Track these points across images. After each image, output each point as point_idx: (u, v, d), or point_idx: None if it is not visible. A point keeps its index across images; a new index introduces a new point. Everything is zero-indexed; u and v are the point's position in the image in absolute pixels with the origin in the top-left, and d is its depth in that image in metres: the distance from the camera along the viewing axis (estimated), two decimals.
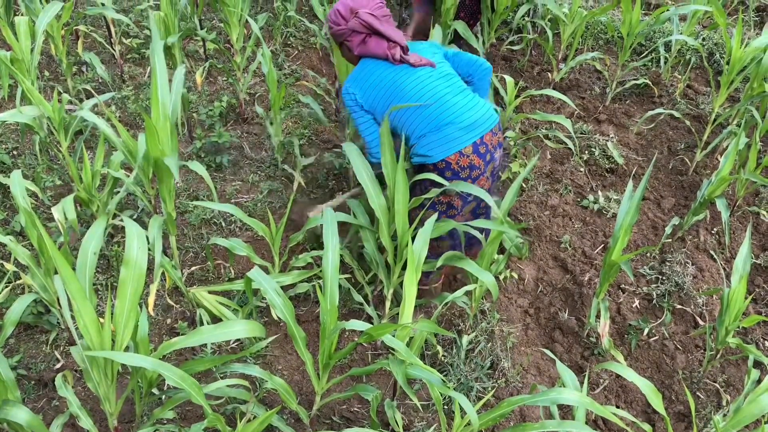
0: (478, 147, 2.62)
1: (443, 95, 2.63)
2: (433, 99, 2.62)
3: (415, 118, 2.63)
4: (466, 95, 2.68)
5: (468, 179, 2.64)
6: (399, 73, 2.66)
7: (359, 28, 2.65)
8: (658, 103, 4.49)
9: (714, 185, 3.18)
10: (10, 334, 2.31)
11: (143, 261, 1.90)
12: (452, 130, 2.60)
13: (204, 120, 4.02)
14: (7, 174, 3.42)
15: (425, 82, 2.64)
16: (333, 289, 2.15)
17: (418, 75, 2.66)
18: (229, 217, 3.42)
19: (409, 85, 2.64)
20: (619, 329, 3.06)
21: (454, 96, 2.65)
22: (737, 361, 2.95)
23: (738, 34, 3.50)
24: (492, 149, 2.69)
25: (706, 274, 3.32)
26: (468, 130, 2.61)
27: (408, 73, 2.66)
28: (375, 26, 2.63)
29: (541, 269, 3.32)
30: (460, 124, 2.60)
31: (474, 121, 2.62)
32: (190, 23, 4.21)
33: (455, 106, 2.62)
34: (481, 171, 2.67)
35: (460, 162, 2.61)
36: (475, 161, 2.63)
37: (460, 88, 2.70)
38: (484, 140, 2.64)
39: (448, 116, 2.60)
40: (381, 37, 2.67)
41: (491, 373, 2.79)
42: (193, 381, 1.86)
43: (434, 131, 2.61)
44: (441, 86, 2.65)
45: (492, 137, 2.67)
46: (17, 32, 3.16)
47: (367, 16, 2.63)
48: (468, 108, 2.64)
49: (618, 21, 5.14)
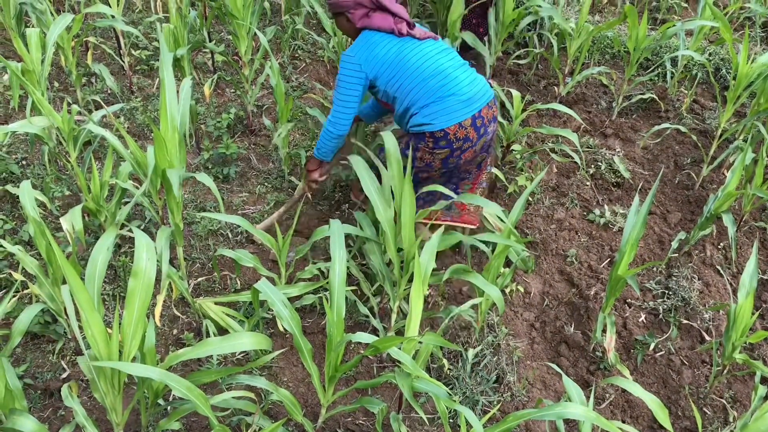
0: (476, 120, 2.79)
1: (446, 68, 2.77)
2: (436, 71, 2.75)
3: (420, 89, 2.76)
4: (465, 69, 2.85)
5: (458, 150, 2.79)
6: (404, 45, 2.79)
7: (365, 1, 2.77)
8: (664, 117, 4.50)
9: (720, 200, 3.18)
10: (17, 343, 2.32)
11: (152, 272, 1.91)
12: (454, 102, 2.74)
13: (212, 131, 4.04)
14: (16, 184, 3.44)
15: (429, 54, 2.79)
16: (340, 302, 2.16)
17: (422, 48, 2.80)
18: (236, 228, 3.43)
19: (413, 57, 2.77)
20: (625, 344, 3.05)
21: (456, 70, 2.79)
22: (744, 377, 2.94)
23: (744, 49, 3.51)
24: (487, 123, 2.83)
25: (712, 289, 3.31)
26: (468, 104, 2.76)
27: (413, 45, 2.80)
28: (383, 2, 2.76)
29: (547, 283, 3.31)
30: (461, 97, 2.74)
31: (474, 95, 2.77)
32: (198, 35, 4.24)
33: (457, 79, 2.76)
34: (472, 143, 2.83)
35: (457, 133, 2.75)
36: (471, 134, 2.79)
37: (460, 62, 2.86)
38: (481, 113, 2.79)
39: (450, 88, 2.75)
40: (386, 11, 2.78)
41: (497, 386, 2.79)
42: (199, 392, 1.87)
43: (437, 102, 2.75)
44: (443, 59, 2.80)
45: (488, 111, 2.83)
46: (28, 44, 3.19)
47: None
48: (468, 82, 2.79)
49: (624, 36, 5.15)
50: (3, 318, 2.75)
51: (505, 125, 3.60)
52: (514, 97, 3.58)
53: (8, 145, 3.79)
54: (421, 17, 5.18)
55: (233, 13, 3.61)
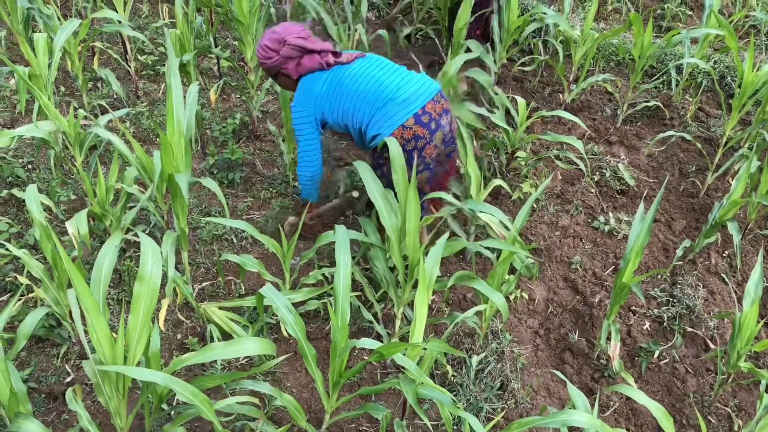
0: (420, 117, 2.80)
1: (377, 77, 2.84)
2: (369, 84, 2.83)
3: (360, 106, 2.84)
4: (399, 73, 2.89)
5: (415, 150, 2.82)
6: (335, 73, 2.90)
7: (292, 53, 2.91)
8: (669, 125, 4.49)
9: (725, 208, 3.18)
10: (22, 347, 2.33)
11: (157, 277, 1.91)
12: (392, 107, 2.79)
13: (217, 136, 4.05)
14: (22, 188, 3.45)
15: (359, 72, 2.88)
16: (344, 307, 2.16)
17: (352, 68, 2.90)
18: (241, 233, 3.43)
19: (346, 80, 2.87)
20: (629, 351, 3.05)
21: (389, 76, 2.85)
22: (749, 386, 2.93)
23: (750, 57, 3.51)
24: (437, 116, 2.86)
25: (717, 297, 3.30)
26: (406, 104, 2.80)
27: (343, 70, 2.90)
28: (306, 46, 2.92)
29: (552, 290, 3.31)
30: (398, 100, 2.80)
31: (411, 94, 2.82)
32: (204, 41, 4.25)
33: (391, 84, 2.82)
34: (426, 140, 2.83)
35: (404, 135, 2.79)
36: (419, 131, 2.81)
37: (393, 69, 2.91)
38: (426, 110, 2.82)
39: (386, 95, 2.80)
40: (311, 53, 2.91)
41: (501, 394, 2.78)
42: (204, 397, 1.87)
43: (377, 112, 2.81)
44: (374, 71, 2.88)
45: (434, 105, 2.85)
46: (35, 48, 3.20)
47: (296, 40, 2.89)
48: (403, 83, 2.83)
49: (629, 43, 5.16)
50: (8, 321, 2.75)
51: (509, 132, 3.60)
52: (519, 104, 3.59)
53: (14, 149, 3.80)
54: (426, 24, 5.20)
55: (239, 19, 3.62)
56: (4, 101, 4.21)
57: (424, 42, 5.17)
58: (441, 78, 3.35)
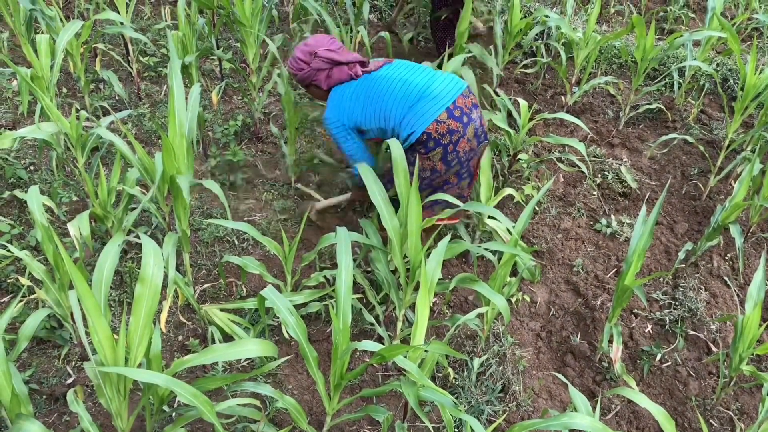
0: (453, 111, 2.87)
1: (406, 78, 2.93)
2: (399, 85, 2.91)
3: (392, 106, 2.91)
4: (426, 72, 2.97)
5: (450, 144, 2.89)
6: (366, 81, 2.99)
7: (322, 65, 2.99)
8: (671, 127, 4.49)
9: (728, 211, 3.17)
10: (23, 348, 2.32)
11: (159, 278, 1.91)
12: (423, 104, 2.86)
13: (219, 138, 4.05)
14: (24, 189, 3.45)
15: (388, 74, 2.97)
16: (346, 310, 2.15)
17: (381, 74, 2.99)
18: (242, 235, 3.43)
19: (376, 83, 2.96)
20: (631, 354, 3.04)
21: (417, 76, 2.94)
22: (751, 389, 2.92)
23: (752, 60, 3.51)
24: (468, 111, 2.92)
25: (719, 300, 3.30)
26: (437, 100, 2.87)
27: (372, 77, 2.99)
28: (335, 59, 2.98)
29: (554, 292, 3.31)
30: (429, 96, 2.86)
31: (441, 90, 2.89)
32: (207, 43, 4.25)
33: (420, 82, 2.90)
34: (461, 134, 2.90)
35: (438, 129, 2.85)
36: (453, 125, 2.87)
37: (420, 69, 3.00)
38: (457, 104, 2.89)
39: (417, 93, 2.88)
40: (342, 65, 2.99)
41: (502, 396, 2.78)
42: (205, 399, 1.86)
43: (409, 110, 2.87)
44: (402, 72, 2.96)
45: (464, 99, 2.92)
46: (38, 50, 3.20)
47: (326, 53, 2.98)
48: (432, 81, 2.91)
49: (632, 46, 5.15)
50: (9, 323, 2.75)
51: (512, 134, 3.60)
52: (521, 106, 3.58)
53: (16, 151, 3.81)
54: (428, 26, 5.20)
55: (241, 20, 3.62)
56: (6, 103, 4.21)
57: (426, 44, 5.17)
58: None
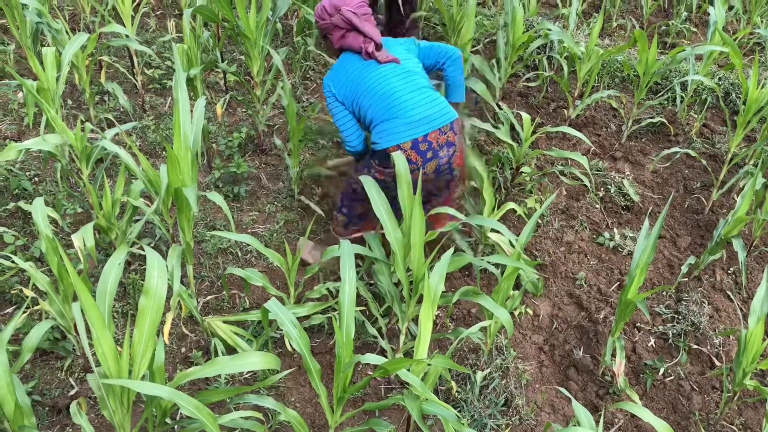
0: (419, 144, 2.83)
1: (396, 91, 2.86)
2: (386, 93, 2.86)
3: (373, 109, 2.88)
4: (420, 93, 2.90)
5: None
6: (365, 68, 2.93)
7: (341, 23, 2.93)
8: (673, 141, 4.50)
9: (730, 225, 3.17)
10: (27, 360, 2.33)
11: (163, 290, 1.91)
12: (397, 124, 2.82)
13: (223, 150, 4.07)
14: (28, 200, 3.46)
15: (384, 77, 2.90)
16: (349, 323, 2.15)
17: (380, 71, 2.91)
18: (246, 247, 3.44)
19: (370, 79, 2.90)
20: (634, 368, 3.03)
21: (407, 93, 2.87)
22: (755, 404, 2.91)
23: (754, 74, 3.52)
24: (437, 147, 2.87)
25: (722, 314, 3.29)
26: (411, 126, 2.82)
27: (372, 67, 2.93)
28: (354, 23, 2.91)
29: (556, 306, 3.30)
30: (405, 119, 2.82)
31: (420, 119, 2.83)
32: (211, 56, 4.28)
33: (404, 102, 2.84)
34: (417, 167, 2.86)
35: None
36: (413, 156, 2.84)
37: (417, 86, 2.92)
38: (428, 138, 2.84)
39: (396, 111, 2.83)
40: (359, 32, 2.93)
41: (505, 410, 2.77)
42: (208, 411, 1.86)
43: (384, 122, 2.85)
44: (397, 82, 2.89)
45: (439, 135, 2.86)
46: (44, 62, 3.23)
47: (348, 13, 2.91)
48: (416, 105, 2.86)
49: (634, 60, 5.17)
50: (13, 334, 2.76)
51: (514, 147, 3.61)
52: (523, 120, 3.59)
53: (21, 162, 3.82)
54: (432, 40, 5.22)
55: (246, 34, 3.64)
56: (11, 114, 4.24)
57: None
58: None
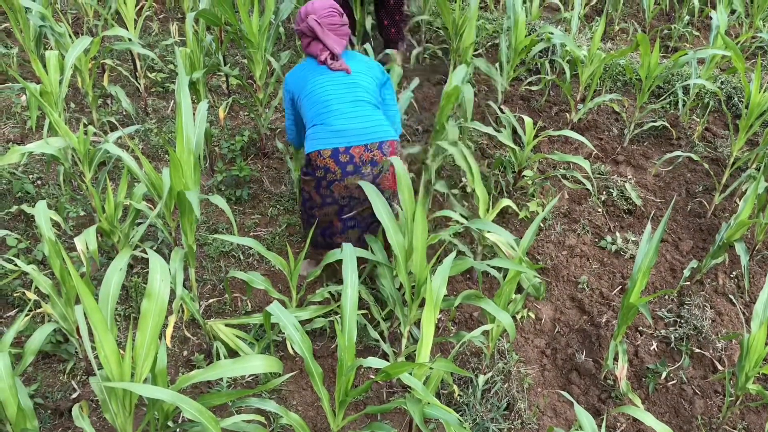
0: (339, 154, 2.82)
1: (331, 99, 2.88)
2: (322, 99, 2.88)
3: (308, 111, 2.92)
4: (354, 105, 2.90)
5: (323, 180, 2.86)
6: (315, 72, 2.97)
7: (306, 31, 2.98)
8: (676, 145, 4.50)
9: (733, 229, 3.17)
10: (29, 362, 2.33)
11: (165, 294, 1.92)
12: (320, 130, 2.84)
13: (225, 154, 4.08)
14: (31, 203, 3.47)
15: (326, 84, 2.92)
16: (351, 326, 2.15)
17: (325, 77, 2.95)
18: (248, 250, 3.44)
19: (314, 82, 2.94)
20: (636, 372, 3.03)
21: (341, 103, 2.88)
22: (758, 408, 2.91)
23: (757, 78, 3.52)
24: (359, 163, 2.85)
25: (725, 318, 3.29)
26: (334, 135, 2.82)
27: (320, 72, 2.96)
28: (317, 33, 2.94)
29: (559, 310, 3.30)
30: (330, 127, 2.82)
31: (344, 130, 2.83)
32: (214, 59, 4.29)
33: (335, 110, 2.85)
34: (336, 178, 2.86)
35: (317, 161, 2.83)
36: (331, 165, 2.83)
37: (354, 98, 2.92)
38: (350, 151, 2.82)
39: (324, 117, 2.85)
40: (319, 42, 2.96)
41: (507, 414, 2.77)
42: (210, 415, 1.86)
43: (312, 127, 2.87)
44: (336, 91, 2.91)
45: (363, 152, 2.85)
46: (47, 66, 3.23)
47: (312, 23, 2.94)
48: (344, 116, 2.85)
49: (636, 63, 5.17)
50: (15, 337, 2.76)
51: (516, 151, 3.61)
52: (526, 123, 3.60)
53: (24, 165, 3.83)
54: (434, 43, 5.24)
55: (249, 37, 3.65)
56: (15, 117, 4.25)
57: (432, 61, 5.20)
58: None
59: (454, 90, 3.23)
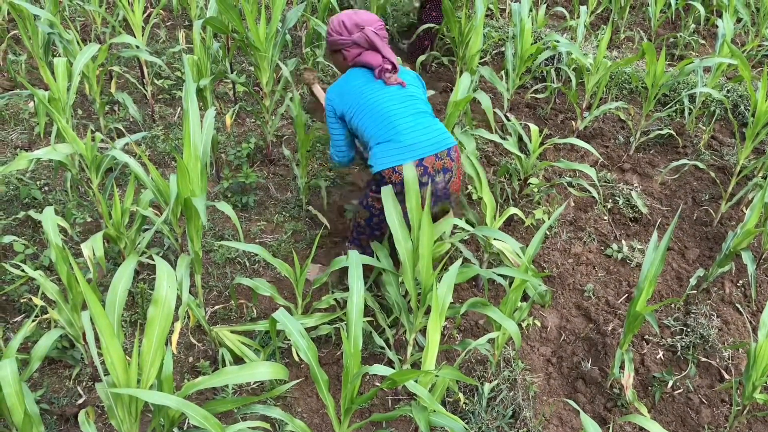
0: (415, 168, 2.76)
1: (393, 114, 2.83)
2: (384, 115, 2.82)
3: (371, 129, 2.84)
4: (417, 117, 2.86)
5: (399, 195, 2.78)
6: (371, 85, 2.91)
7: (362, 42, 2.93)
8: (682, 153, 4.49)
9: (739, 237, 3.16)
10: (36, 368, 2.33)
11: (172, 300, 1.92)
12: (391, 147, 2.78)
13: (232, 160, 4.09)
14: (38, 209, 3.48)
15: (385, 98, 2.87)
16: (357, 333, 2.15)
17: (384, 91, 2.89)
18: (254, 257, 3.44)
19: (372, 97, 2.87)
20: (642, 381, 3.02)
21: (404, 117, 2.83)
22: (765, 418, 2.89)
23: (763, 87, 3.52)
24: (432, 172, 2.81)
25: (731, 327, 3.27)
26: (406, 150, 2.77)
27: (378, 87, 2.90)
28: (376, 44, 2.91)
29: (564, 318, 3.30)
30: (400, 144, 2.77)
31: (415, 143, 2.78)
32: (221, 66, 4.31)
33: (400, 125, 2.80)
34: None
35: (392, 177, 2.77)
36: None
37: (415, 110, 2.88)
38: (423, 162, 2.78)
39: (391, 134, 2.79)
40: (377, 53, 2.93)
41: (513, 422, 2.76)
42: (215, 421, 1.86)
43: (379, 144, 2.81)
44: (396, 105, 2.86)
45: (435, 161, 2.81)
46: (55, 72, 3.25)
47: (371, 34, 2.90)
48: (412, 129, 2.81)
49: (642, 72, 5.18)
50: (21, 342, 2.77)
51: (522, 159, 3.62)
52: (532, 131, 3.60)
53: (32, 171, 3.85)
54: (441, 51, 5.25)
55: (256, 45, 3.66)
56: (23, 124, 4.27)
57: (438, 68, 5.22)
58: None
59: (463, 99, 3.24)
